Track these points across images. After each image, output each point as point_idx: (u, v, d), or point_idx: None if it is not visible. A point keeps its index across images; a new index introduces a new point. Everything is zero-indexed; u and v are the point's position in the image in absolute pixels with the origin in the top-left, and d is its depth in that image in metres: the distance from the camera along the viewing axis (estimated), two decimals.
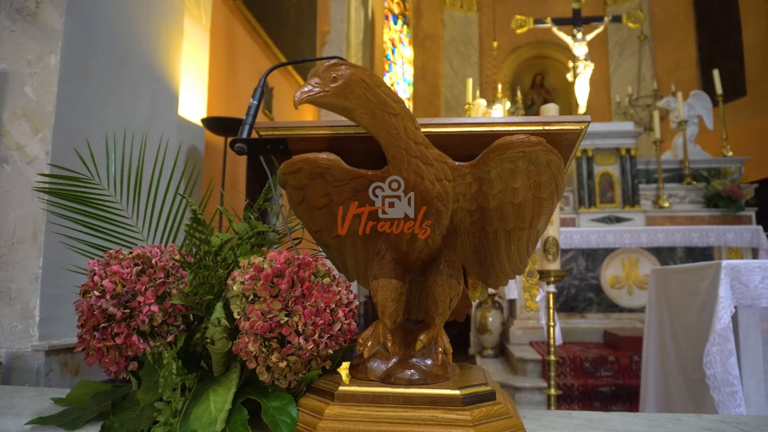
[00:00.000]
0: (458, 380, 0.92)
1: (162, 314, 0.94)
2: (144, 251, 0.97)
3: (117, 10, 2.66)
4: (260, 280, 0.93)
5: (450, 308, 1.02)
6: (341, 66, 0.82)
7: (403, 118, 0.87)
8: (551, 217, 2.86)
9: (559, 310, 5.86)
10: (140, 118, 2.83)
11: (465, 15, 12.42)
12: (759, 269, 2.35)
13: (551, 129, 0.96)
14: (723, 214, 6.37)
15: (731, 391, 2.28)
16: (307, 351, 0.91)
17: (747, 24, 9.45)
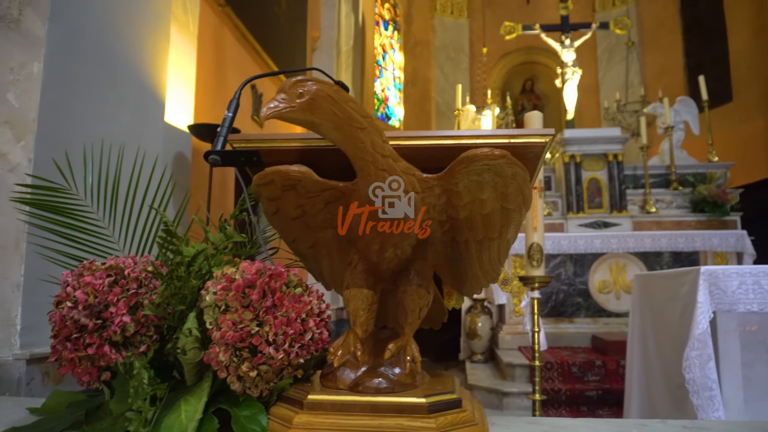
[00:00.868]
0: (426, 388, 0.94)
1: (134, 324, 0.95)
2: (117, 262, 0.99)
3: (102, 17, 2.67)
4: (231, 290, 0.95)
5: (420, 317, 1.04)
6: (308, 82, 0.84)
7: (370, 132, 0.89)
8: (536, 225, 2.84)
9: (547, 315, 5.90)
10: (125, 125, 2.84)
11: (456, 21, 12.49)
12: (736, 275, 2.38)
13: (516, 142, 0.98)
14: (709, 219, 6.44)
15: (710, 395, 2.31)
16: (278, 360, 0.93)
17: (733, 31, 9.56)
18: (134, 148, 2.37)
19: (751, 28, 9.03)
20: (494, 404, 4.60)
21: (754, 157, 8.35)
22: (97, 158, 1.33)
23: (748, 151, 8.41)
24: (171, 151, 3.31)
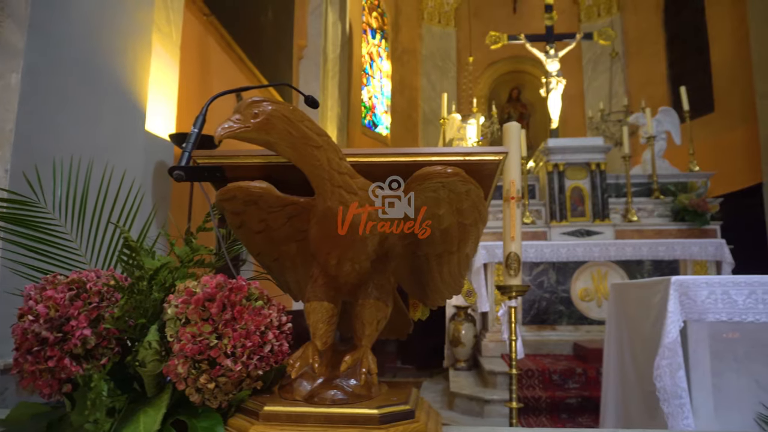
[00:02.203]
0: (380, 400, 0.96)
1: (96, 337, 0.97)
2: (80, 276, 1.00)
3: (83, 27, 2.68)
4: (191, 304, 0.97)
5: (377, 330, 1.07)
6: (263, 102, 0.87)
7: (326, 150, 0.92)
8: (514, 235, 2.88)
9: (530, 323, 5.95)
10: (105, 135, 2.85)
11: (443, 30, 12.59)
12: (706, 285, 2.43)
13: (471, 160, 1.02)
14: (689, 228, 6.52)
15: (680, 403, 2.36)
16: (236, 372, 0.95)
17: (715, 42, 9.73)
18: (113, 158, 2.38)
19: (733, 39, 9.19)
20: (475, 412, 4.63)
21: (735, 167, 8.48)
22: (71, 171, 1.34)
23: (729, 161, 8.54)
24: (152, 160, 3.32)
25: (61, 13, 2.51)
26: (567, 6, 12.24)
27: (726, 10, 9.41)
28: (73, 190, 1.25)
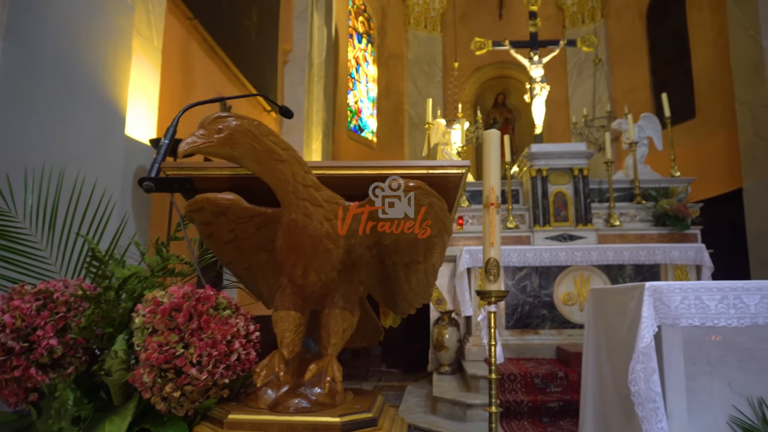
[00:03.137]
0: (343, 408, 0.98)
1: (62, 347, 0.98)
2: (48, 286, 1.01)
3: (61, 33, 2.68)
4: (158, 313, 0.98)
5: (343, 339, 1.09)
6: (228, 118, 0.89)
7: (291, 163, 0.94)
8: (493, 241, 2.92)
9: (513, 327, 5.98)
10: (83, 140, 2.85)
11: (429, 35, 12.66)
12: (679, 290, 2.47)
13: (434, 173, 1.04)
14: (670, 233, 6.61)
15: (654, 407, 2.39)
16: (202, 381, 0.97)
17: (696, 49, 9.87)
18: (91, 163, 2.38)
19: (713, 47, 9.33)
20: (458, 416, 4.65)
21: (715, 172, 8.60)
22: (42, 180, 1.35)
23: (710, 166, 8.66)
24: (132, 165, 3.31)
25: (39, 18, 2.51)
26: (552, 12, 12.36)
27: (707, 18, 9.56)
28: (44, 199, 1.26)
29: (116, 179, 3.00)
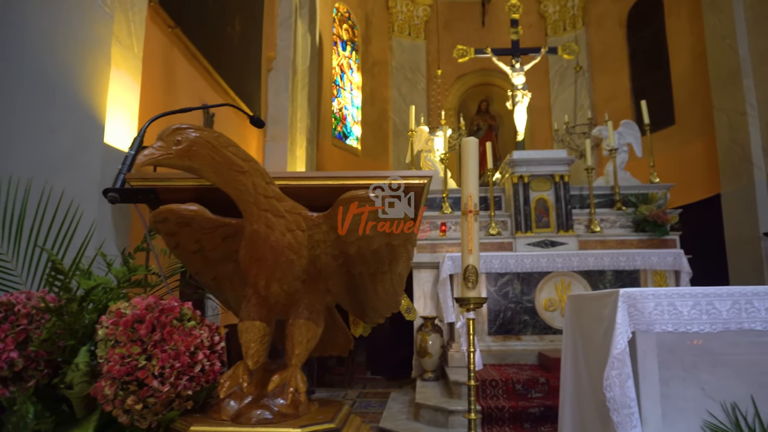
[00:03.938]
0: (306, 419, 0.99)
1: (24, 360, 0.98)
2: (9, 298, 1.01)
3: (40, 42, 2.67)
4: (120, 325, 0.98)
5: (308, 350, 1.09)
6: (187, 129, 0.89)
7: (252, 174, 0.95)
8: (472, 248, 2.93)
9: (495, 333, 6.01)
10: (62, 148, 2.83)
11: (413, 42, 12.73)
12: (653, 297, 2.51)
13: (396, 183, 1.05)
14: (650, 238, 6.69)
15: (629, 412, 2.42)
16: (164, 393, 0.96)
17: (675, 57, 10.03)
18: (69, 171, 2.36)
19: (691, 55, 9.49)
20: (440, 423, 4.66)
21: (694, 178, 8.72)
22: (8, 191, 1.34)
23: (688, 173, 8.78)
24: (110, 173, 3.29)
25: (16, 26, 2.50)
26: (535, 21, 12.49)
27: (685, 26, 9.72)
28: (11, 209, 1.25)
29: (93, 188, 2.98)
